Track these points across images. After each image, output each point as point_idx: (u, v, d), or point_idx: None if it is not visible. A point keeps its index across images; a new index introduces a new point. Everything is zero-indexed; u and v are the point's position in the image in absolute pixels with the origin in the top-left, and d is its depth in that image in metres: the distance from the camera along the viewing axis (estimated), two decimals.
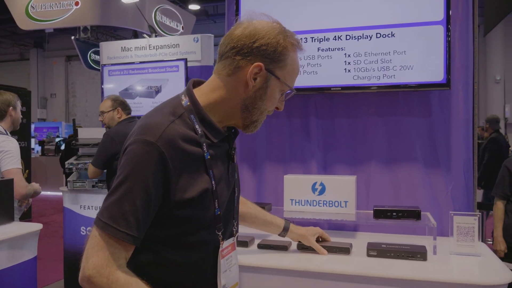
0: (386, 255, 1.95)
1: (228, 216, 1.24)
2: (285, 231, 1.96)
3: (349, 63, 2.37)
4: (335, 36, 2.38)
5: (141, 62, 4.62)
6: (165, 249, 1.14)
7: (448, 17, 2.20)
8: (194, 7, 11.62)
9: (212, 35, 4.64)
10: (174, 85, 4.46)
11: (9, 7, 7.12)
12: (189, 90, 1.19)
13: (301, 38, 2.43)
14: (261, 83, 1.17)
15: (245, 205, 1.85)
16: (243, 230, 2.43)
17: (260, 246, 2.12)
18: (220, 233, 1.19)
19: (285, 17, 2.44)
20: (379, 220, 2.14)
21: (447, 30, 2.20)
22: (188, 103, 1.17)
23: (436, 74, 2.24)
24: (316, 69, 2.42)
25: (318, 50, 2.41)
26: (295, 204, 2.36)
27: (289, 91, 1.25)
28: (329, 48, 2.40)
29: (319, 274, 1.84)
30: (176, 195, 1.09)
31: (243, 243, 2.14)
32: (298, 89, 2.46)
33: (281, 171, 2.58)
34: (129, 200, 1.04)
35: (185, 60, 4.42)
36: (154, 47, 4.69)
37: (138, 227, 1.06)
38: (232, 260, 1.26)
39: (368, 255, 1.98)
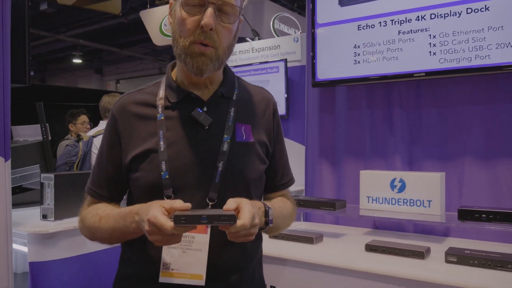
0: (468, 262, 1.67)
1: (190, 185, 1.09)
2: None
3: (434, 45, 2.10)
4: (418, 16, 2.13)
5: (243, 65, 4.75)
6: None
7: None
8: None
9: None
10: (274, 86, 4.48)
11: (146, 27, 7.95)
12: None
13: (379, 22, 2.24)
14: (173, 14, 1.13)
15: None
16: (311, 227, 2.33)
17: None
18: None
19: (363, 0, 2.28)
20: (466, 223, 1.84)
21: None
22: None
23: None
24: (396, 54, 2.19)
25: (399, 33, 2.18)
26: (372, 202, 2.16)
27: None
28: (411, 30, 2.15)
29: (382, 277, 1.65)
30: (126, 155, 1.13)
31: (309, 239, 2.03)
32: (377, 77, 2.26)
33: (361, 167, 2.39)
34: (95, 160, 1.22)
35: (285, 61, 4.41)
36: (256, 50, 4.78)
37: (94, 182, 1.19)
38: (193, 244, 1.08)
39: (447, 261, 1.72)
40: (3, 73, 1.92)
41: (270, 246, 1.97)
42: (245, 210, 0.93)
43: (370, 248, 1.88)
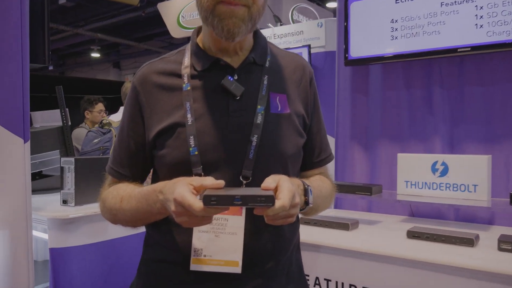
0: None
1: (221, 162, 0.97)
2: None
3: (481, 16, 1.94)
4: None
5: None
6: None
7: None
8: (332, 4, 11.41)
9: (336, 18, 4.39)
10: None
11: (164, 19, 7.90)
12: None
13: None
14: None
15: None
16: (343, 214, 2.19)
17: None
18: None
19: None
20: None
21: None
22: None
23: None
24: (438, 28, 2.04)
25: (442, 5, 2.03)
26: (411, 187, 2.02)
27: None
28: (455, 2, 1.99)
29: (429, 265, 1.51)
30: (150, 130, 1.02)
31: (344, 226, 1.89)
32: (416, 54, 2.11)
33: (397, 150, 2.24)
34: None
35: (308, 47, 4.26)
36: (278, 36, 4.64)
37: (115, 160, 1.09)
38: (227, 227, 0.97)
39: (500, 248, 1.57)
40: (22, 53, 1.84)
41: (302, 232, 1.84)
42: (284, 188, 0.81)
43: (413, 234, 1.73)
